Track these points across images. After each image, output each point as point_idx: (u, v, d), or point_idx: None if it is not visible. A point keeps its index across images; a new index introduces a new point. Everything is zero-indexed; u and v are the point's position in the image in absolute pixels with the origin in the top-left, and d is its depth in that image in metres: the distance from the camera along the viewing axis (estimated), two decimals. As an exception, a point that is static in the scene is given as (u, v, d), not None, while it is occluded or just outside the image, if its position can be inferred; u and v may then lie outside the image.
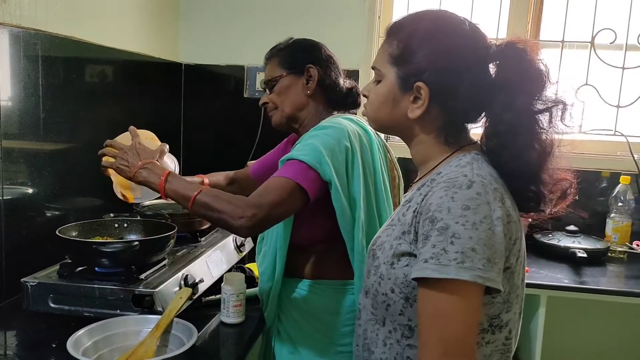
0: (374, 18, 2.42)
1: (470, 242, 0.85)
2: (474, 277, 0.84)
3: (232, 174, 1.82)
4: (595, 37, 2.36)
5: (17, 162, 1.50)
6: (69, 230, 1.46)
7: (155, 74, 2.34)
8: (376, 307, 1.01)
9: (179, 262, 1.52)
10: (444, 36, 0.99)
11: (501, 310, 0.94)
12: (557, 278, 1.91)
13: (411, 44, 1.00)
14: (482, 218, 0.86)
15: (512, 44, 0.98)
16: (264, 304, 1.45)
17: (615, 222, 2.23)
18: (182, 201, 1.27)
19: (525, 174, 0.95)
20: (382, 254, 0.99)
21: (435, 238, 0.87)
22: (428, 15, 1.04)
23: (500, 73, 0.98)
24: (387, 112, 1.05)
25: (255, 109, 2.44)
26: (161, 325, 1.21)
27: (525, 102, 0.95)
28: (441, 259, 0.85)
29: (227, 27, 2.51)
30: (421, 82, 0.98)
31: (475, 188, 0.89)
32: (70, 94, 1.73)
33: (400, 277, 0.94)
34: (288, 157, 1.29)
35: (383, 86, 1.04)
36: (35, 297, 1.34)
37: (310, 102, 1.47)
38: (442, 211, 0.88)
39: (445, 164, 1.00)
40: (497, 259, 0.87)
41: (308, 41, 1.54)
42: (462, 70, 0.97)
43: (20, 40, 1.48)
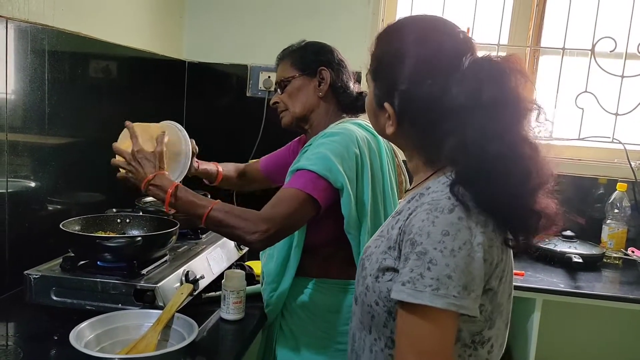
0: (378, 21, 2.44)
1: (447, 269, 0.84)
2: (447, 305, 0.83)
3: (242, 167, 1.82)
4: (595, 45, 2.38)
5: (22, 155, 1.52)
6: (72, 225, 1.47)
7: (159, 71, 2.35)
8: (363, 316, 1.01)
9: (180, 258, 1.54)
10: (413, 54, 0.96)
11: (483, 327, 0.93)
12: (552, 282, 1.93)
13: (382, 60, 1.00)
14: (462, 244, 0.85)
15: (482, 60, 0.93)
16: (266, 301, 1.46)
17: (611, 228, 2.25)
18: (192, 217, 1.30)
19: (497, 204, 0.89)
20: (370, 265, 0.99)
21: (413, 262, 0.86)
22: (405, 27, 1.01)
23: (460, 93, 0.90)
24: (374, 124, 1.07)
25: (258, 107, 2.48)
26: (162, 320, 1.23)
27: (483, 131, 0.88)
28: (417, 284, 0.85)
29: (231, 26, 2.53)
30: (387, 103, 0.98)
31: (457, 212, 0.87)
32: (75, 89, 1.74)
33: (384, 292, 0.94)
34: (297, 167, 1.30)
35: (368, 98, 1.06)
36: (38, 289, 1.35)
37: (321, 104, 1.49)
38: (422, 235, 0.86)
39: (434, 179, 0.98)
40: (475, 286, 0.86)
41: (321, 44, 1.54)
42: (427, 91, 0.93)
43: (27, 35, 1.49)
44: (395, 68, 0.97)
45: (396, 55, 0.97)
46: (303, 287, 1.41)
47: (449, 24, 1.01)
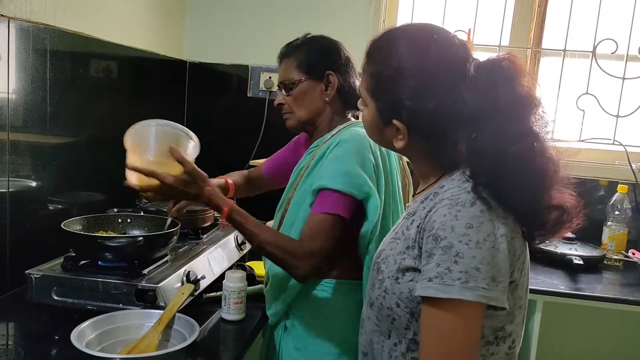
0: (379, 22, 2.44)
1: (474, 262, 0.84)
2: (477, 297, 0.84)
3: (246, 174, 1.79)
4: (596, 46, 2.39)
5: (23, 155, 1.52)
6: (73, 224, 1.47)
7: (160, 71, 2.36)
8: (381, 320, 1.00)
9: (181, 258, 1.54)
10: (415, 68, 0.94)
11: (505, 322, 0.93)
12: (553, 284, 1.93)
13: (383, 78, 0.97)
14: (486, 236, 0.86)
15: (490, 64, 0.93)
16: (270, 304, 1.44)
17: (611, 230, 2.25)
18: (245, 237, 1.33)
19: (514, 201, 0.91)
20: (387, 267, 0.98)
21: (439, 257, 0.86)
22: (402, 38, 0.99)
23: (473, 98, 0.91)
24: (377, 138, 1.07)
25: (259, 108, 2.48)
26: (163, 320, 1.23)
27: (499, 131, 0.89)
28: (445, 279, 0.85)
29: (232, 27, 2.53)
30: (396, 120, 0.97)
31: (479, 205, 0.88)
32: (77, 88, 1.74)
33: (405, 292, 0.94)
34: (320, 186, 1.29)
35: (368, 114, 1.04)
36: (39, 289, 1.36)
37: (328, 107, 1.45)
38: (445, 229, 0.87)
39: (447, 178, 0.99)
40: (502, 277, 0.87)
41: (327, 41, 1.48)
42: (435, 102, 0.93)
43: (29, 34, 1.49)
44: (398, 85, 0.95)
45: (397, 71, 0.95)
46: (309, 288, 1.39)
47: (442, 30, 1.00)
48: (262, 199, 1.75)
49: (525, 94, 0.91)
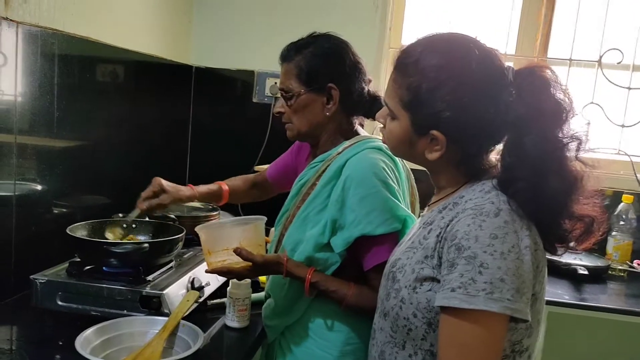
0: (385, 29, 2.44)
1: (499, 272, 0.84)
2: (502, 309, 0.83)
3: (251, 178, 1.76)
4: (602, 56, 2.38)
5: (30, 158, 1.52)
6: (78, 229, 1.47)
7: (167, 75, 2.36)
8: (396, 330, 0.99)
9: (185, 265, 1.54)
10: (455, 77, 0.94)
11: (523, 336, 0.93)
12: (557, 294, 1.92)
13: (421, 90, 0.95)
14: (510, 247, 0.86)
15: (529, 71, 0.94)
16: (270, 318, 1.41)
17: (616, 240, 2.24)
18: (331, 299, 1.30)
19: (545, 209, 0.92)
20: (403, 277, 0.98)
21: (463, 267, 0.86)
22: (437, 48, 0.98)
23: (515, 104, 0.92)
24: (404, 151, 1.04)
25: (264, 114, 2.48)
26: (168, 328, 1.23)
27: (542, 136, 0.91)
28: (469, 289, 0.84)
29: (238, 32, 2.54)
30: (436, 130, 0.96)
31: (503, 216, 0.88)
32: (84, 93, 1.74)
33: (423, 302, 0.93)
34: (365, 233, 1.23)
35: (398, 127, 1.01)
36: (44, 294, 1.36)
37: (330, 121, 1.38)
38: (469, 239, 0.87)
39: (468, 188, 0.98)
40: (526, 289, 0.86)
41: (331, 46, 1.37)
42: (477, 111, 0.93)
43: (38, 39, 1.50)
44: (438, 96, 0.94)
45: (437, 83, 0.94)
46: (303, 306, 1.35)
47: (472, 38, 0.99)
48: (266, 206, 1.74)
49: (565, 101, 0.93)
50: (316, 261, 1.30)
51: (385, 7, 2.43)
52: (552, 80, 0.93)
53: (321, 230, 1.29)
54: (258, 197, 1.78)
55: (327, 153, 1.39)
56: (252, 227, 1.29)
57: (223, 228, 1.30)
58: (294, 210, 1.39)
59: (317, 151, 1.44)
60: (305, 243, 1.31)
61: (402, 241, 1.12)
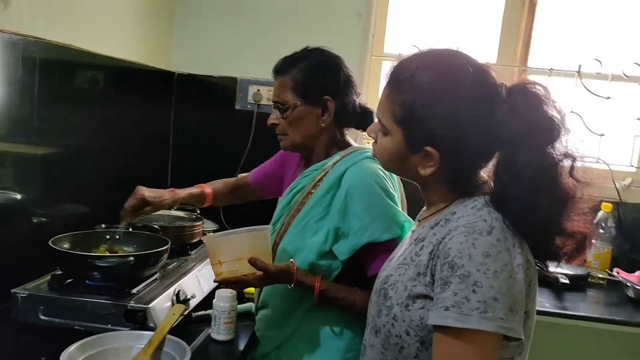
0: (368, 37, 2.45)
1: (492, 291, 0.84)
2: (496, 328, 0.84)
3: (232, 182, 1.77)
4: (581, 66, 2.42)
5: (9, 167, 1.49)
6: (61, 241, 1.44)
7: (149, 82, 2.33)
8: (387, 348, 0.99)
9: (170, 277, 1.52)
10: (449, 94, 0.94)
11: (515, 353, 0.93)
12: (538, 302, 1.91)
13: (415, 106, 0.95)
14: (503, 265, 0.86)
15: (522, 88, 0.95)
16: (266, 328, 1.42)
17: (596, 248, 2.27)
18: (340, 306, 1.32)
19: (539, 226, 0.93)
20: (395, 294, 0.98)
21: (457, 285, 0.86)
22: (432, 64, 0.98)
23: (509, 121, 0.93)
24: (396, 166, 1.05)
25: (247, 121, 2.47)
26: (153, 342, 1.21)
27: (536, 153, 0.91)
28: (463, 308, 0.84)
29: (221, 39, 2.52)
30: (430, 146, 0.96)
31: (495, 234, 0.89)
32: (65, 101, 1.71)
33: (416, 320, 0.93)
34: (372, 240, 1.27)
35: (390, 143, 1.01)
36: (25, 308, 1.33)
37: (324, 132, 1.41)
38: (462, 257, 0.87)
39: (459, 204, 0.99)
40: (518, 307, 0.87)
41: (326, 60, 1.41)
42: (471, 127, 0.94)
43: (19, 47, 1.47)
44: (433, 112, 0.94)
45: (432, 99, 0.94)
46: (302, 314, 1.37)
47: (465, 55, 0.99)
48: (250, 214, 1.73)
49: (558, 117, 0.93)
50: (319, 268, 1.33)
51: (369, 15, 2.44)
52: (544, 96, 0.94)
53: (323, 239, 1.32)
54: (238, 200, 1.79)
55: (321, 162, 1.42)
56: (261, 236, 1.30)
57: (234, 238, 1.29)
58: (289, 219, 1.41)
59: (310, 161, 1.46)
60: (307, 251, 1.33)
61: (393, 256, 1.12)
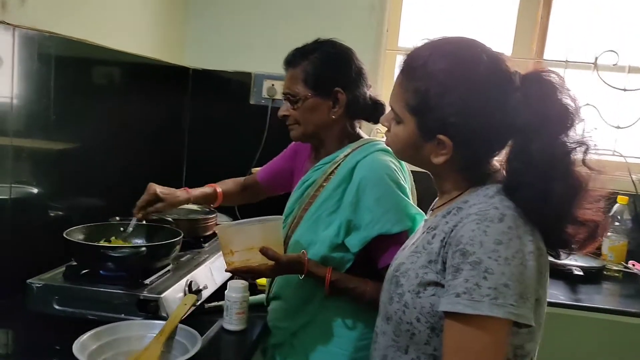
0: (382, 31, 2.44)
1: (503, 278, 0.84)
2: (506, 314, 0.84)
3: (242, 181, 1.78)
4: (598, 58, 2.39)
5: (26, 162, 1.52)
6: (75, 233, 1.47)
7: (163, 78, 2.35)
8: (399, 335, 0.99)
9: (183, 268, 1.53)
10: (463, 82, 0.94)
11: (525, 340, 0.93)
12: (552, 294, 1.92)
13: (429, 95, 0.95)
14: (514, 253, 0.86)
15: (536, 75, 0.94)
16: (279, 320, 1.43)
17: (611, 241, 2.25)
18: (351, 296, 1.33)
19: (551, 214, 0.92)
20: (407, 281, 0.98)
21: (468, 272, 0.86)
22: (445, 52, 0.97)
23: (522, 109, 0.92)
24: (409, 155, 1.04)
25: (261, 116, 2.48)
26: (165, 331, 1.23)
27: (549, 141, 0.91)
28: (474, 295, 0.85)
29: (235, 34, 2.53)
30: (443, 135, 0.95)
31: (507, 222, 0.88)
32: (80, 96, 1.74)
33: (427, 307, 0.93)
34: (383, 232, 1.27)
35: (403, 131, 1.01)
36: (40, 298, 1.35)
37: (335, 123, 1.41)
38: (474, 245, 0.87)
39: (472, 192, 0.98)
40: (529, 294, 0.87)
41: (337, 52, 1.40)
42: (484, 115, 0.93)
43: (35, 42, 1.49)
44: (446, 101, 0.94)
45: (446, 87, 0.94)
46: (315, 306, 1.37)
47: (479, 43, 0.99)
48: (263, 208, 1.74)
49: (572, 105, 0.93)
50: (331, 260, 1.33)
51: (382, 8, 2.43)
52: (558, 84, 0.93)
53: (336, 232, 1.33)
54: (249, 199, 1.80)
55: (332, 155, 1.42)
56: (273, 226, 1.30)
57: (246, 228, 1.30)
58: (301, 212, 1.41)
59: (320, 153, 1.46)
60: (320, 244, 1.34)
61: (406, 245, 1.12)
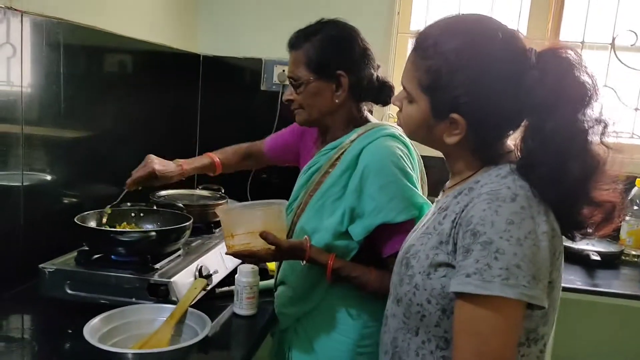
0: (394, 14, 2.41)
1: (515, 259, 0.82)
2: (518, 295, 0.82)
3: (244, 148, 1.73)
4: (615, 38, 2.34)
5: (37, 148, 1.52)
6: (87, 218, 1.48)
7: (174, 64, 2.35)
8: (409, 317, 0.98)
9: (193, 253, 1.54)
10: (476, 60, 0.91)
11: (539, 323, 0.92)
12: (569, 280, 1.89)
13: (442, 73, 0.93)
14: (527, 233, 0.84)
15: (553, 53, 0.92)
16: (285, 305, 1.42)
17: (630, 225, 2.20)
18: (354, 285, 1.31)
19: (567, 194, 0.90)
20: (417, 263, 0.96)
21: (479, 252, 0.84)
22: (458, 30, 0.95)
23: (538, 88, 0.90)
24: (422, 135, 1.02)
25: (272, 102, 2.47)
26: (175, 315, 1.23)
27: (566, 119, 0.89)
28: (485, 275, 0.83)
29: (245, 20, 2.52)
30: (456, 114, 0.93)
31: (519, 201, 0.86)
32: (90, 83, 1.74)
33: (437, 288, 0.92)
34: (386, 220, 1.25)
35: (416, 111, 0.99)
36: (53, 283, 1.36)
37: (340, 108, 1.37)
38: (485, 225, 0.85)
39: (484, 172, 0.96)
40: (542, 276, 0.85)
41: (340, 33, 1.36)
42: (499, 94, 0.91)
43: (43, 29, 1.49)
44: (458, 79, 0.92)
45: (457, 66, 0.92)
46: (320, 293, 1.36)
47: (494, 20, 0.96)
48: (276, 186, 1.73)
49: (589, 83, 0.90)
50: (335, 248, 1.31)
51: (394, -8, 2.40)
52: (575, 61, 0.90)
53: (339, 219, 1.30)
54: (251, 167, 1.79)
55: (338, 140, 1.39)
56: (275, 211, 1.28)
57: (247, 211, 1.29)
58: (306, 198, 1.39)
59: (327, 137, 1.44)
60: (324, 231, 1.32)
61: (416, 227, 1.11)
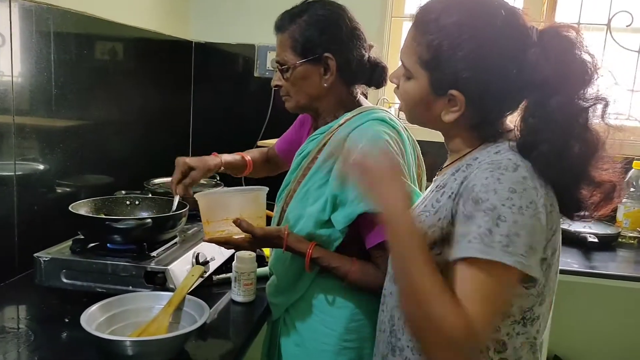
0: (387, -2, 2.39)
1: (515, 227, 0.83)
2: (515, 263, 0.82)
3: (265, 152, 1.72)
4: (611, 19, 2.33)
5: (29, 138, 1.50)
6: (81, 207, 1.46)
7: (166, 51, 2.33)
8: None
9: (190, 240, 1.53)
10: (478, 36, 0.91)
11: (534, 303, 0.92)
12: (567, 262, 1.90)
13: (442, 48, 0.92)
14: (528, 203, 0.85)
15: (554, 31, 0.92)
16: (274, 295, 1.40)
17: (627, 207, 2.20)
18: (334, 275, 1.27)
19: (567, 173, 0.91)
20: None
21: (481, 219, 0.84)
22: (460, 5, 0.94)
23: (541, 65, 0.89)
24: (420, 113, 1.01)
25: (266, 88, 2.43)
26: (173, 302, 1.22)
27: (567, 97, 0.89)
28: (485, 240, 0.83)
29: (237, 6, 2.49)
30: (456, 90, 0.93)
31: (521, 172, 0.87)
32: (82, 70, 1.72)
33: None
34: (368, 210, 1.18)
35: (414, 87, 0.98)
36: (48, 272, 1.35)
37: (329, 92, 1.33)
38: (488, 192, 0.85)
39: (482, 150, 0.96)
40: (538, 247, 0.86)
41: (326, 15, 1.30)
42: (499, 71, 0.91)
43: (32, 15, 1.47)
44: (458, 55, 0.91)
45: (458, 41, 0.91)
46: (307, 283, 1.33)
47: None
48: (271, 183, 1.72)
49: (590, 61, 0.90)
50: (318, 237, 1.27)
51: (387, -26, 2.38)
52: (577, 40, 0.90)
53: (322, 207, 1.25)
54: (271, 171, 1.74)
55: (327, 125, 1.35)
56: (252, 198, 1.26)
57: (223, 197, 1.27)
58: (295, 185, 1.35)
59: (318, 123, 1.40)
60: (306, 219, 1.28)
61: (415, 206, 1.09)
